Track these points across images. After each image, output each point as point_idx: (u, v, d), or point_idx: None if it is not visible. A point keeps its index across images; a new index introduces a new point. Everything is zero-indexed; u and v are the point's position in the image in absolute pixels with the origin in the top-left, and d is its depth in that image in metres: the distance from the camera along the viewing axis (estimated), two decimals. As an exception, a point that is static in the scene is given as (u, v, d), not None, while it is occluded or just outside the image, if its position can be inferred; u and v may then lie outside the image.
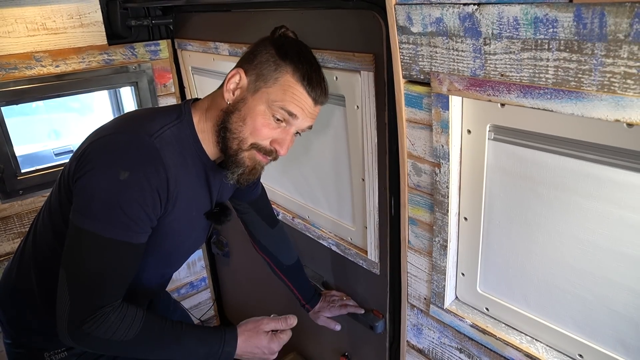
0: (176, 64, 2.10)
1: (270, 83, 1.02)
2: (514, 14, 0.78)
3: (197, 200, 1.13)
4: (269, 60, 1.03)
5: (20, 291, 1.14)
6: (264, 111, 1.03)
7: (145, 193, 0.94)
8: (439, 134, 1.02)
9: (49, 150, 2.24)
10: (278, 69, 1.02)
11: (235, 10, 1.62)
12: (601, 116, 0.73)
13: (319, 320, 1.58)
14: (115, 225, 0.93)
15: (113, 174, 0.91)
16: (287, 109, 1.03)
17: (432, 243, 1.16)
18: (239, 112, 1.04)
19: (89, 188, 0.93)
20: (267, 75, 1.03)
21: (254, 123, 1.03)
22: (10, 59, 1.68)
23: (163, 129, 1.00)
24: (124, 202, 0.92)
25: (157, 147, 0.97)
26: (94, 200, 0.92)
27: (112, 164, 0.93)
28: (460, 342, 1.19)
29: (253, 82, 1.04)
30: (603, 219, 0.86)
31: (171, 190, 1.00)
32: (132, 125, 1.01)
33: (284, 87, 1.02)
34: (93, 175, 0.93)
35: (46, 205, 1.11)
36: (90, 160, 0.94)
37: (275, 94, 1.02)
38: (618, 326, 0.90)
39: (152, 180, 0.95)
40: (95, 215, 0.92)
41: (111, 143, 0.96)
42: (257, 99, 1.03)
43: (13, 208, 1.83)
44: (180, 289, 2.47)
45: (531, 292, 1.04)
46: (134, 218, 0.94)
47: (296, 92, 1.03)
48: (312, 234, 1.65)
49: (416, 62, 1.00)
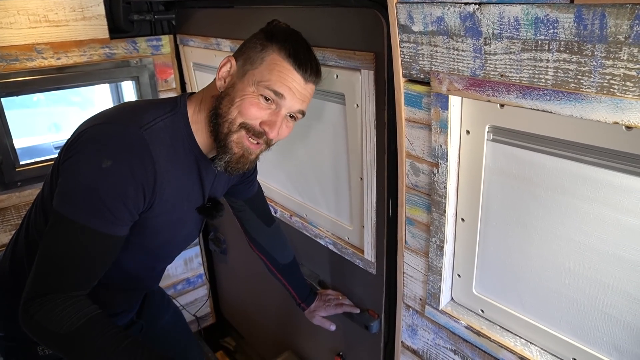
0: (178, 60, 2.10)
1: (257, 64, 1.02)
2: (514, 14, 0.78)
3: (188, 194, 1.11)
4: (256, 44, 1.04)
5: (12, 283, 1.13)
6: (253, 92, 1.02)
7: (128, 185, 0.93)
8: (437, 134, 1.02)
9: (48, 143, 2.24)
10: (264, 49, 1.02)
11: (237, 7, 1.62)
12: (600, 118, 0.73)
13: (315, 319, 1.57)
14: (90, 213, 0.90)
15: (96, 162, 0.90)
16: (274, 88, 1.00)
17: (429, 243, 1.15)
18: (229, 96, 1.03)
19: (71, 173, 0.92)
20: (253, 57, 1.03)
21: (242, 102, 1.02)
22: (12, 51, 1.68)
23: (155, 121, 0.99)
24: (103, 190, 0.90)
25: (145, 140, 0.95)
26: (75, 186, 0.91)
27: (97, 152, 0.91)
28: (454, 343, 1.19)
29: (241, 67, 1.04)
30: (600, 222, 0.85)
31: (158, 185, 0.98)
32: (123, 116, 1.00)
33: (270, 66, 1.01)
34: (77, 161, 0.92)
35: (39, 196, 1.11)
36: (76, 146, 0.93)
37: (261, 74, 1.01)
38: (612, 330, 0.90)
39: (137, 173, 0.93)
40: (73, 200, 0.90)
41: (100, 132, 0.95)
42: (245, 81, 1.02)
43: (11, 199, 1.83)
44: (176, 285, 2.47)
45: (527, 294, 1.03)
46: (111, 208, 0.92)
47: (283, 70, 1.01)
48: (309, 232, 1.64)
49: (416, 61, 1.00)
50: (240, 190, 1.38)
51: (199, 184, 1.13)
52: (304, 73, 1.02)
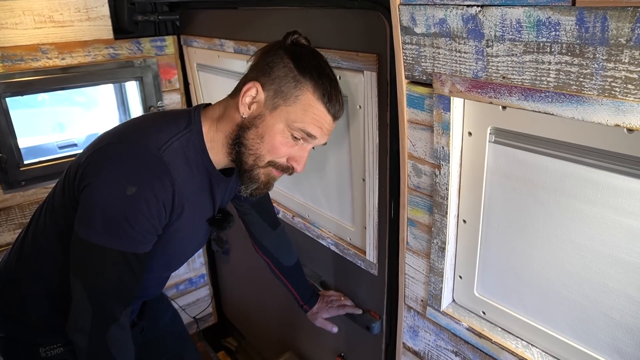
0: (181, 60, 2.11)
1: (290, 101, 1.00)
2: (516, 16, 0.78)
3: (200, 208, 1.13)
4: (288, 76, 1.00)
5: (18, 285, 1.14)
6: (283, 130, 1.01)
7: (152, 206, 0.95)
8: (439, 135, 1.02)
9: (52, 143, 2.25)
10: (298, 86, 0.99)
11: (241, 8, 1.63)
12: (601, 121, 0.73)
13: (317, 321, 1.57)
14: (124, 238, 0.94)
15: (120, 189, 0.91)
16: (307, 130, 1.01)
17: (431, 245, 1.15)
18: (256, 128, 1.02)
19: (96, 202, 0.93)
20: (286, 93, 1.00)
21: (272, 141, 1.02)
22: (17, 51, 1.69)
23: (172, 140, 0.99)
24: (132, 216, 0.93)
25: (165, 161, 0.96)
26: (102, 215, 0.92)
27: (119, 177, 0.92)
28: (456, 345, 1.19)
29: (271, 99, 1.01)
30: (601, 225, 0.85)
31: (176, 202, 1.00)
32: (140, 135, 0.99)
33: (305, 107, 1.00)
34: (100, 188, 0.93)
35: (49, 201, 1.11)
36: (96, 170, 0.94)
37: (295, 113, 1.00)
38: (614, 333, 0.90)
39: (159, 193, 0.95)
40: (104, 229, 0.92)
41: (118, 154, 0.95)
42: (276, 116, 1.01)
43: (15, 199, 1.84)
44: (179, 285, 2.48)
45: (528, 296, 1.03)
46: (142, 231, 0.95)
47: (316, 112, 1.01)
48: (311, 233, 1.65)
49: (419, 63, 1.00)
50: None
51: (210, 197, 1.14)
52: (334, 113, 1.04)
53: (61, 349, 1.15)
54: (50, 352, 1.14)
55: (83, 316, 0.96)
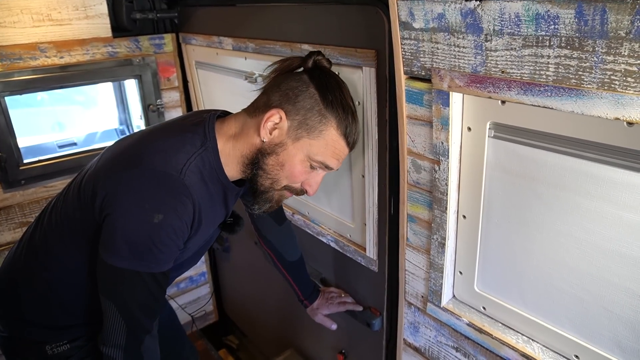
0: (180, 58, 2.11)
1: (314, 135, 1.02)
2: (515, 10, 0.78)
3: (215, 217, 1.15)
4: (314, 109, 1.02)
5: (23, 285, 1.13)
6: (303, 160, 1.04)
7: (177, 230, 0.97)
8: (439, 130, 1.02)
9: (52, 142, 2.25)
10: (323, 121, 1.02)
11: (239, 5, 1.62)
12: (601, 114, 0.73)
13: (317, 317, 1.58)
14: (152, 262, 0.97)
15: (146, 217, 0.93)
16: (327, 163, 1.06)
17: (431, 241, 1.15)
18: (277, 156, 1.04)
19: (122, 232, 0.94)
20: (311, 127, 1.02)
21: (292, 170, 1.05)
22: (15, 49, 1.69)
23: (190, 161, 1.00)
24: (160, 242, 0.95)
25: (186, 185, 0.97)
26: (130, 243, 0.94)
27: (144, 205, 0.94)
28: (456, 340, 1.19)
29: (295, 129, 1.02)
30: (601, 219, 0.85)
31: (196, 220, 1.02)
32: (158, 159, 0.99)
33: (327, 142, 1.03)
34: (125, 217, 0.94)
35: (61, 205, 1.09)
36: (118, 199, 0.95)
37: (317, 147, 1.03)
38: (615, 327, 0.90)
39: (183, 216, 0.98)
40: (132, 255, 0.95)
41: (139, 182, 0.96)
42: (298, 147, 1.03)
43: (15, 198, 1.84)
44: (179, 283, 2.48)
45: (528, 291, 1.03)
46: (168, 252, 0.98)
47: (338, 146, 1.05)
48: (311, 230, 1.65)
49: (417, 58, 1.00)
50: None
51: (224, 205, 1.16)
52: (352, 146, 1.09)
53: (67, 346, 1.15)
54: (56, 349, 1.15)
55: (117, 333, 0.99)
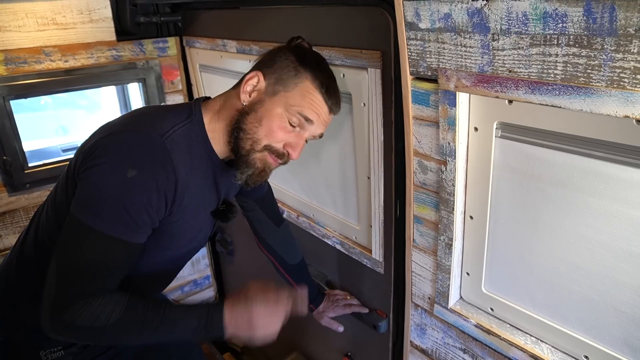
0: (184, 61, 2.11)
1: (290, 87, 1.04)
2: (523, 9, 0.78)
3: (204, 200, 1.12)
4: (289, 66, 1.05)
5: (18, 286, 1.12)
6: (281, 114, 1.05)
7: (152, 195, 0.94)
8: (445, 131, 1.02)
9: (56, 146, 2.26)
10: (298, 75, 1.05)
11: (243, 8, 1.63)
12: (610, 112, 0.72)
13: (322, 320, 1.57)
14: (117, 223, 0.92)
15: (121, 172, 0.90)
16: (304, 114, 1.05)
17: (437, 242, 1.15)
18: (255, 113, 1.05)
19: (95, 183, 0.92)
20: (286, 80, 1.05)
21: (270, 125, 1.04)
22: (20, 53, 1.69)
23: (174, 129, 1.00)
24: (129, 201, 0.92)
25: (167, 148, 0.96)
26: (99, 196, 0.91)
27: (120, 161, 0.92)
28: (464, 342, 1.18)
29: (272, 85, 1.05)
30: (611, 218, 0.85)
31: (179, 192, 0.99)
32: (142, 124, 1.00)
33: (303, 93, 1.04)
34: (100, 170, 0.92)
35: (50, 199, 1.10)
36: (98, 155, 0.93)
37: (293, 98, 1.04)
38: (625, 327, 0.89)
39: (160, 182, 0.94)
40: (98, 211, 0.91)
41: (121, 140, 0.95)
42: (275, 101, 1.05)
43: (20, 201, 1.84)
44: (184, 286, 2.47)
45: (537, 292, 1.03)
46: (136, 219, 0.93)
47: (314, 99, 1.05)
48: (316, 232, 1.64)
49: (424, 59, 1.00)
50: (251, 191, 1.39)
51: (214, 188, 1.14)
52: (331, 104, 1.08)
53: (62, 352, 1.13)
54: (50, 356, 1.13)
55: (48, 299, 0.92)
